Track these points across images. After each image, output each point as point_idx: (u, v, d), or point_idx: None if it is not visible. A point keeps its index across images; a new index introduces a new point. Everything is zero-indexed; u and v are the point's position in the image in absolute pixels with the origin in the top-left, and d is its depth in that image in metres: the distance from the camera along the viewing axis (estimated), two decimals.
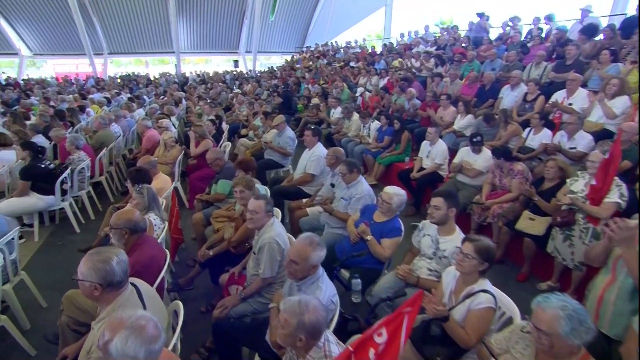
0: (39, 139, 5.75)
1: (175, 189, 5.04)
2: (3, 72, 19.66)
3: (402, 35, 14.02)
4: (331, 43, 18.54)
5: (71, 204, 4.67)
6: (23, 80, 20.36)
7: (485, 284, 1.99)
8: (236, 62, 22.93)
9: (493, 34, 9.62)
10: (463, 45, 9.61)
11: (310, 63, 15.91)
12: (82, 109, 8.35)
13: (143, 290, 1.81)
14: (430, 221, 2.56)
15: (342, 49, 16.75)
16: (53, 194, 4.34)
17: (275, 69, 19.23)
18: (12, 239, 2.97)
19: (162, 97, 12.12)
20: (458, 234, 2.50)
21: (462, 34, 10.85)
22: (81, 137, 4.76)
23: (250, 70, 21.20)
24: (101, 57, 22.10)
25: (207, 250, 2.89)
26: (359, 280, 2.44)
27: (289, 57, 21.93)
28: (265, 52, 24.10)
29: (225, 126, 7.03)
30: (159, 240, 2.75)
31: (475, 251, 1.96)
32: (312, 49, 19.39)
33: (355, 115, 6.87)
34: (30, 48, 21.46)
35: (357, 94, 8.96)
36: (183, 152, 5.13)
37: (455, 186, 4.58)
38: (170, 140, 4.90)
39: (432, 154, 5.02)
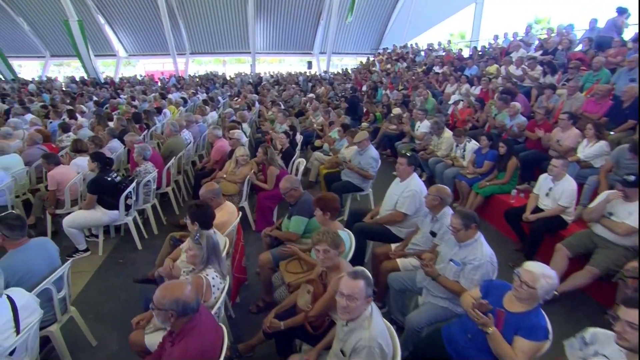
0: (115, 144, 5.69)
1: (242, 208, 4.58)
2: (103, 72, 21.57)
3: (496, 37, 12.46)
4: (411, 45, 17.38)
5: (135, 218, 4.41)
6: (116, 78, 22.23)
7: None
8: (310, 63, 22.70)
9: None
10: (580, 49, 8.04)
11: (389, 66, 14.96)
12: (159, 110, 8.42)
13: None
14: (619, 344, 1.62)
15: (422, 52, 15.56)
16: (118, 209, 4.08)
17: (350, 71, 18.59)
18: (62, 274, 2.61)
19: (236, 98, 12.10)
20: None
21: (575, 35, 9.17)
22: (149, 148, 4.48)
23: (324, 72, 20.80)
24: (183, 57, 23.30)
25: (277, 320, 2.24)
26: None
27: (362, 59, 21.17)
28: (339, 53, 23.57)
29: (299, 138, 6.46)
30: (218, 305, 2.17)
31: None
32: (389, 50, 18.40)
33: (447, 132, 5.88)
34: (126, 49, 23.35)
35: (450, 103, 7.85)
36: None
37: (590, 241, 3.48)
38: (243, 158, 4.41)
39: (555, 192, 3.91)
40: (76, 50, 19.21)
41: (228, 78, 20.45)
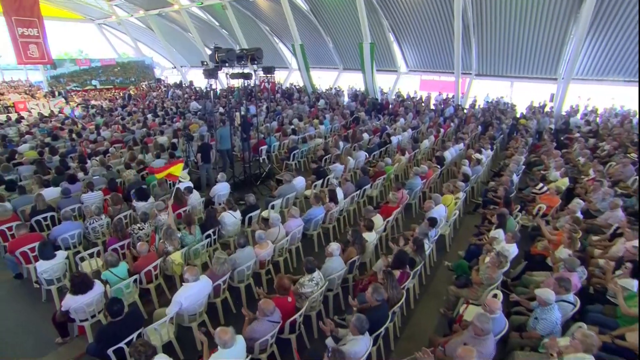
0: None
1: None
2: (381, 88, 21.55)
3: None
4: None
5: None
6: (393, 94, 21.80)
7: None
8: None
9: None
10: None
11: None
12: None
13: None
14: None
15: None
16: None
17: None
18: None
19: (541, 185, 8.13)
20: None
21: None
22: None
23: None
24: (467, 77, 20.26)
25: None
26: None
27: None
28: None
29: None
30: None
31: None
32: None
33: None
34: (407, 65, 22.59)
35: None
36: None
37: None
38: None
39: None
40: (362, 68, 20.01)
41: (519, 116, 15.96)
